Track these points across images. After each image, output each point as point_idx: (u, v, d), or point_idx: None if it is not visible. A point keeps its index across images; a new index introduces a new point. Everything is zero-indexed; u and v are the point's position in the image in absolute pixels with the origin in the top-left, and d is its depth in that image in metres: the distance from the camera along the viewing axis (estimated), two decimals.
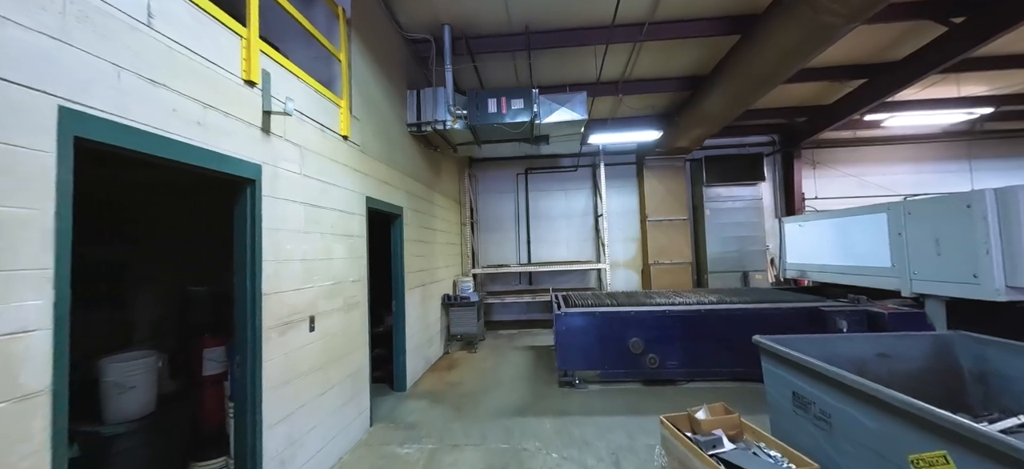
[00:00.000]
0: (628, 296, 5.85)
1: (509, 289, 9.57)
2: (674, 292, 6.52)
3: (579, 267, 8.54)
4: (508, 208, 9.86)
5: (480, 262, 9.72)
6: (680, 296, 5.68)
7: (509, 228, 9.84)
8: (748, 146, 9.29)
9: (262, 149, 2.69)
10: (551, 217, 9.74)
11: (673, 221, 8.95)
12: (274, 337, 2.71)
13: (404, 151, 5.44)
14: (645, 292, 6.74)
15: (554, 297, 6.38)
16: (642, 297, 5.76)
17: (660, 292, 6.45)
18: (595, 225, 9.62)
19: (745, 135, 9.25)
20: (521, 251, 9.76)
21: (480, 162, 9.86)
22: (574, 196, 9.73)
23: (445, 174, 7.63)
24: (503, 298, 8.48)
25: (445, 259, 7.36)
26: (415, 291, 5.62)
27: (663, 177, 9.00)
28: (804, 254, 6.42)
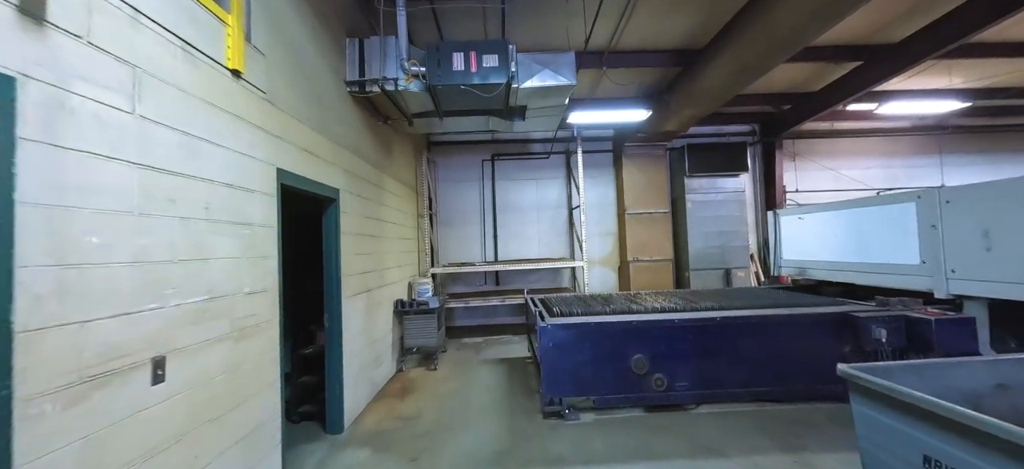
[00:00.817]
0: (628, 299, 4.87)
1: (474, 291, 8.40)
2: (659, 293, 5.64)
3: (552, 265, 7.54)
4: (472, 199, 8.67)
5: (440, 260, 8.47)
6: (680, 299, 4.78)
7: (473, 221, 8.66)
8: (728, 135, 8.67)
9: (22, 48, 1.38)
10: (521, 209, 8.66)
11: (654, 215, 8.15)
12: (51, 410, 1.41)
13: (342, 117, 4.13)
14: (629, 294, 5.82)
15: (531, 302, 5.31)
16: (635, 302, 4.82)
17: (653, 294, 5.54)
18: (569, 218, 8.66)
19: (724, 124, 8.63)
20: (487, 247, 8.61)
21: (441, 146, 8.59)
22: (546, 186, 8.71)
23: (398, 155, 6.33)
24: (467, 301, 7.32)
25: (398, 257, 6.08)
26: (358, 298, 4.34)
27: (644, 166, 8.18)
28: (804, 249, 5.75)
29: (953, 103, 6.53)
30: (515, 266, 7.31)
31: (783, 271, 6.12)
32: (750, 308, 4.21)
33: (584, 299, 5.24)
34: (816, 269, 5.51)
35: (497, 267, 7.42)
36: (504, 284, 8.56)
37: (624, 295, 5.58)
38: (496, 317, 8.54)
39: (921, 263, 4.11)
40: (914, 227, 4.17)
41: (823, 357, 3.91)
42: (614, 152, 8.67)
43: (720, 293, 5.30)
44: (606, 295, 5.62)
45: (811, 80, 7.16)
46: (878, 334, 3.69)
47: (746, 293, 5.24)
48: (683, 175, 8.07)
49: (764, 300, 4.47)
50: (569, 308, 4.44)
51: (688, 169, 7.93)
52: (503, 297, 7.32)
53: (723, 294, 5.18)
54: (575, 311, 4.32)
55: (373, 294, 4.83)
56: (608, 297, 5.36)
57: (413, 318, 5.77)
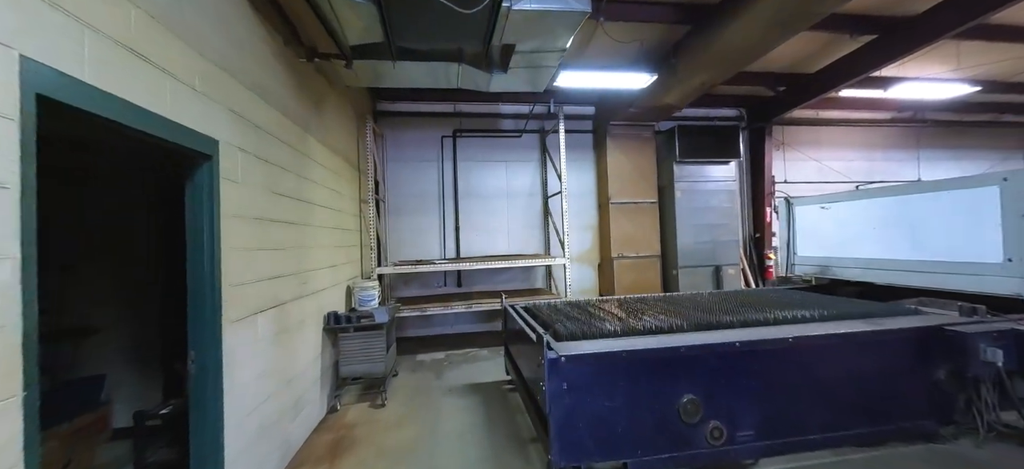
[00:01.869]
0: (626, 308, 3.62)
1: (432, 295, 6.89)
2: (661, 300, 4.52)
3: (526, 263, 6.22)
4: (430, 182, 7.13)
5: (390, 257, 6.86)
6: (694, 308, 3.65)
7: (431, 210, 7.13)
8: (716, 120, 7.85)
9: None
10: (487, 196, 7.26)
11: (640, 205, 7.10)
12: None
13: (226, 22, 2.51)
14: (625, 301, 4.66)
15: (514, 313, 3.94)
16: (640, 313, 3.63)
17: (653, 300, 4.38)
18: (544, 208, 7.39)
19: (712, 107, 7.78)
20: (447, 242, 7.13)
21: (392, 117, 6.95)
22: (518, 170, 7.37)
23: (333, 116, 4.70)
24: (424, 308, 5.83)
25: (332, 254, 4.47)
26: (258, 320, 2.74)
27: (629, 149, 7.10)
28: (827, 245, 4.89)
29: (963, 87, 6.04)
30: (481, 264, 5.91)
31: (798, 270, 5.26)
32: (814, 322, 3.16)
33: (583, 307, 3.97)
34: (843, 268, 4.65)
35: (460, 266, 5.98)
36: (467, 285, 7.13)
37: (618, 301, 4.39)
38: (459, 325, 7.09)
39: (1006, 261, 3.28)
40: (996, 217, 3.34)
41: (909, 385, 2.94)
42: (595, 133, 7.52)
43: (737, 299, 4.26)
44: (596, 302, 4.40)
45: (813, 58, 6.40)
46: (992, 356, 2.75)
47: (769, 298, 4.24)
48: (672, 160, 7.08)
49: (804, 307, 3.45)
50: (576, 325, 3.14)
51: (678, 153, 6.96)
52: (469, 302, 5.91)
53: (741, 300, 4.14)
54: (586, 329, 3.03)
55: (289, 310, 3.23)
56: (599, 304, 4.13)
57: (352, 337, 4.20)
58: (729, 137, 7.15)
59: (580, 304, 4.21)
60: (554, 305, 4.20)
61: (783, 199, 5.36)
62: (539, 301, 4.43)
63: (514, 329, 3.82)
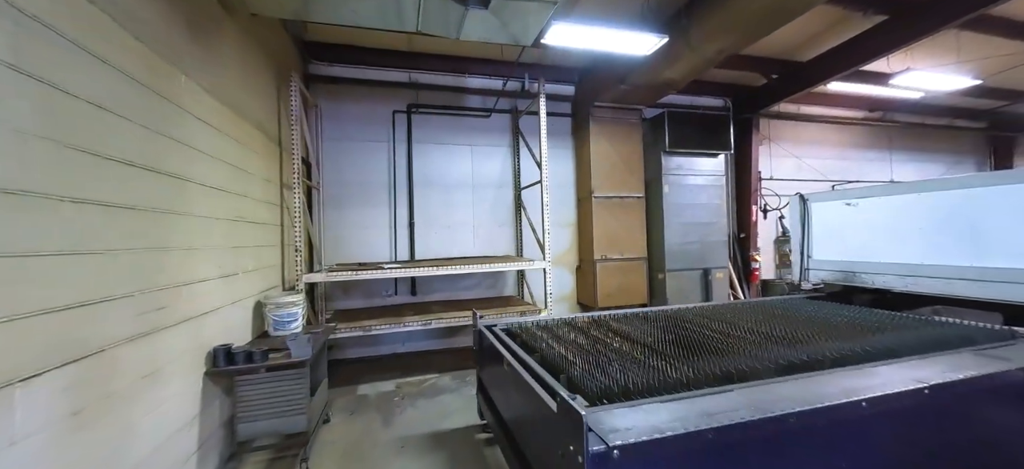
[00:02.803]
0: (706, 323, 2.53)
1: (379, 307, 5.52)
2: (671, 314, 3.60)
3: (497, 267, 5.05)
4: (377, 167, 5.76)
5: (326, 260, 5.42)
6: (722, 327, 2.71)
7: (379, 201, 5.76)
8: (701, 109, 7.14)
9: None
10: (448, 186, 6.02)
11: (626, 199, 6.20)
12: None
13: None
14: (644, 314, 3.67)
15: (494, 340, 2.77)
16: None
17: (651, 315, 3.41)
18: (516, 202, 6.27)
19: (697, 94, 7.07)
20: (399, 241, 5.80)
21: (330, 84, 5.50)
22: (486, 156, 6.19)
23: (233, 57, 3.26)
24: (368, 325, 4.48)
25: (228, 258, 3.05)
26: (18, 391, 1.38)
27: (615, 136, 6.16)
28: (853, 247, 4.20)
29: (964, 80, 5.70)
30: (442, 269, 4.66)
31: (813, 276, 4.55)
32: (931, 357, 2.29)
33: (587, 330, 2.88)
34: (872, 274, 3.96)
35: (414, 271, 4.69)
36: (424, 294, 5.84)
37: (636, 317, 3.38)
38: (414, 343, 5.78)
39: None
40: None
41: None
42: (574, 117, 6.52)
43: (783, 316, 3.40)
44: (603, 319, 3.34)
45: (811, 43, 5.82)
46: None
47: (825, 315, 3.42)
48: (660, 151, 6.25)
49: (887, 330, 2.61)
50: (609, 369, 2.04)
51: (668, 143, 6.13)
52: (426, 317, 4.66)
53: (790, 317, 3.29)
54: (629, 379, 1.94)
55: (119, 359, 1.85)
56: (609, 324, 3.08)
57: (258, 381, 2.81)
58: (719, 127, 6.44)
59: (581, 323, 3.12)
60: (547, 325, 3.07)
61: (797, 195, 4.63)
62: (524, 319, 3.28)
63: (491, 355, 2.67)
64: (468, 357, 5.37)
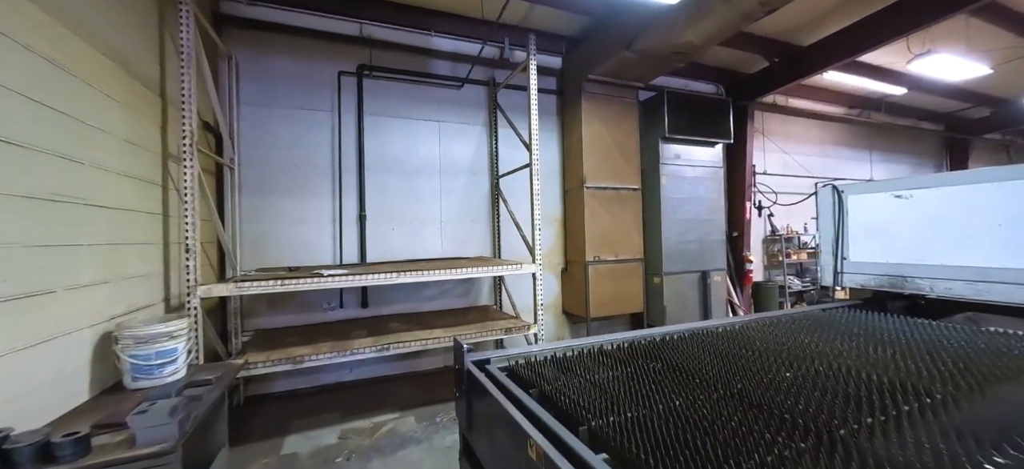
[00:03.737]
0: (775, 361, 1.57)
1: (318, 326, 4.20)
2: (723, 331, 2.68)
3: (475, 273, 3.90)
4: (318, 144, 4.45)
5: (244, 263, 4.04)
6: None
7: (320, 188, 4.45)
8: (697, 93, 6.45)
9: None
10: (410, 172, 4.82)
11: (621, 192, 5.31)
12: None
13: None
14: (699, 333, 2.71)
15: (483, 382, 1.64)
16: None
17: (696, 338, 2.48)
18: (493, 193, 5.19)
19: (691, 79, 6.35)
20: (345, 239, 4.52)
21: (250, 29, 4.12)
22: (457, 135, 5.05)
23: None
24: (301, 355, 3.19)
25: (34, 262, 1.73)
26: None
27: (610, 117, 5.25)
28: (903, 248, 3.54)
29: (981, 67, 5.36)
30: (402, 275, 3.47)
31: (849, 281, 3.87)
32: None
33: (637, 377, 1.86)
34: (933, 280, 3.30)
35: (366, 278, 3.42)
36: (377, 306, 4.61)
37: (671, 338, 2.41)
38: (365, 370, 4.53)
39: None
40: None
41: None
42: (561, 94, 5.55)
43: (856, 334, 2.56)
44: (635, 341, 2.33)
45: (820, 23, 5.25)
46: None
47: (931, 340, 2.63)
48: (657, 137, 5.44)
49: None
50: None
51: (667, 128, 5.32)
52: (382, 340, 3.46)
53: (871, 336, 2.45)
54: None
55: None
56: (651, 352, 2.10)
57: None
58: (719, 113, 5.74)
59: (614, 352, 2.08)
60: (568, 358, 1.99)
61: (830, 187, 3.93)
62: (532, 349, 2.16)
63: (486, 409, 1.55)
64: (437, 384, 4.23)
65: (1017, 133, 9.98)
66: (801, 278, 7.15)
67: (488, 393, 1.51)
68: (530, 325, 3.94)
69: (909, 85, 6.92)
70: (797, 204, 7.34)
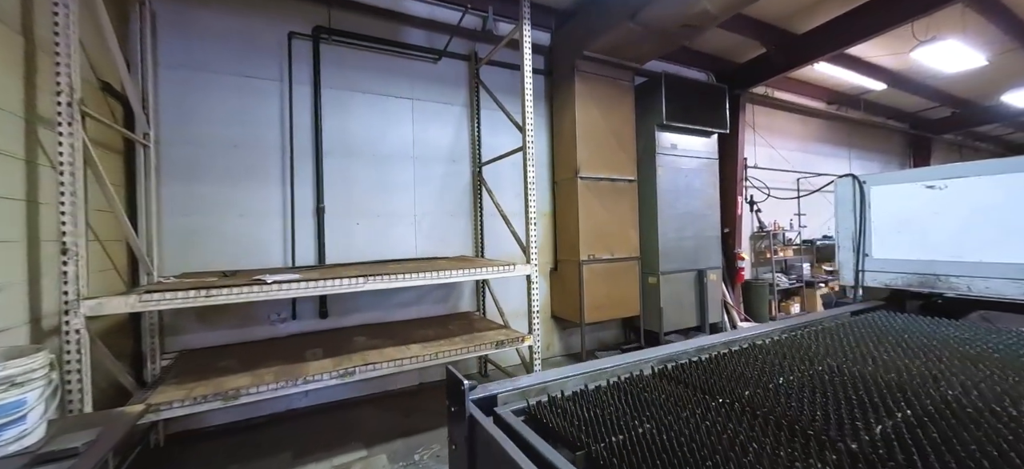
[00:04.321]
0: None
1: (264, 345, 3.39)
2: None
3: (459, 277, 3.21)
4: (263, 121, 3.64)
5: (165, 265, 3.18)
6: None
7: (266, 174, 3.64)
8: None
9: None
10: (378, 157, 4.09)
11: (618, 184, 4.81)
12: None
13: None
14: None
15: (488, 434, 1.03)
16: None
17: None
18: (475, 183, 4.54)
19: (683, 65, 5.96)
20: (299, 237, 3.74)
21: None
22: (434, 117, 4.37)
23: None
24: (235, 389, 2.43)
25: None
26: None
27: (605, 101, 4.73)
28: (935, 243, 3.22)
29: (979, 56, 5.25)
30: (369, 281, 2.76)
31: (871, 280, 3.54)
32: None
33: (702, 403, 1.32)
34: (972, 279, 2.99)
35: (322, 285, 2.69)
36: (339, 316, 3.85)
37: (712, 353, 1.90)
38: (322, 394, 3.77)
39: None
40: None
41: None
42: (550, 75, 4.98)
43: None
44: (679, 374, 1.79)
45: (814, 9, 4.98)
46: None
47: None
48: (653, 125, 4.99)
49: None
50: None
51: (665, 115, 4.88)
52: (344, 363, 2.75)
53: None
54: None
55: None
56: (713, 386, 1.57)
57: None
58: (715, 101, 5.37)
59: (658, 372, 1.51)
60: (602, 394, 1.38)
61: (850, 177, 3.58)
62: (547, 378, 1.50)
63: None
64: (414, 408, 3.55)
65: (969, 135, 10.44)
66: (788, 275, 6.98)
67: (509, 459, 0.91)
68: (524, 337, 3.34)
69: (890, 81, 6.90)
70: (794, 199, 7.16)
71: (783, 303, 6.86)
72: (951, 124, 9.15)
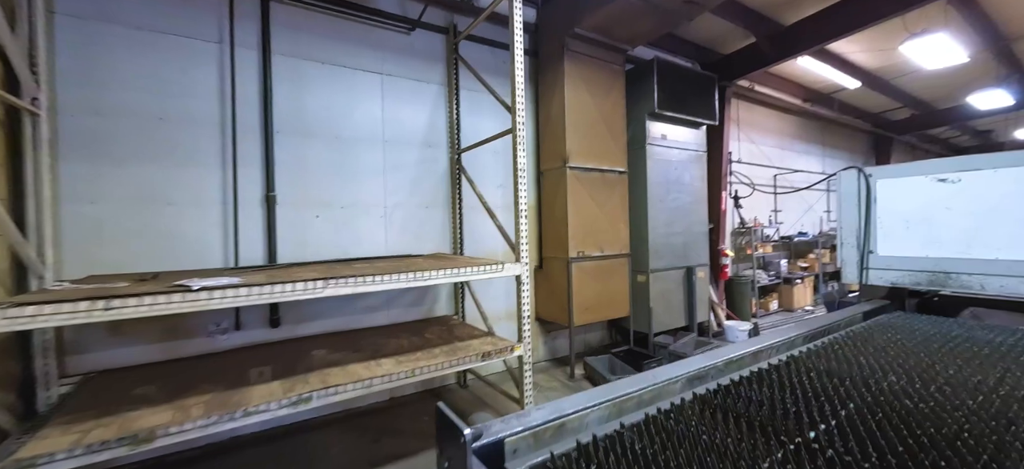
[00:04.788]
0: None
1: (195, 362, 2.78)
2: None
3: (431, 279, 2.73)
4: (198, 90, 2.99)
5: (67, 265, 2.51)
6: None
7: (202, 155, 3.01)
8: None
9: None
10: (342, 140, 3.53)
11: (608, 175, 4.46)
12: None
13: None
14: None
15: None
16: None
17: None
18: (454, 172, 4.06)
19: (670, 53, 5.70)
20: (245, 230, 3.13)
21: None
22: (407, 95, 3.84)
23: None
24: (148, 431, 1.86)
25: None
26: None
27: (595, 85, 4.36)
28: (947, 240, 3.07)
29: (962, 54, 5.27)
30: (330, 285, 2.25)
31: (875, 278, 3.37)
32: None
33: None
34: (987, 276, 2.85)
35: (270, 292, 2.15)
36: (293, 325, 3.28)
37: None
38: (274, 420, 3.20)
39: None
40: None
41: None
42: (535, 54, 4.55)
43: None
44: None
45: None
46: None
47: None
48: (644, 113, 4.68)
49: None
50: None
51: (657, 103, 4.57)
52: (299, 386, 2.23)
53: None
54: None
55: None
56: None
57: None
58: (706, 91, 5.14)
59: (708, 400, 1.14)
60: (643, 438, 0.99)
61: (854, 170, 3.39)
62: (563, 412, 1.09)
63: None
64: (386, 429, 3.06)
65: (922, 137, 10.95)
66: (767, 272, 6.94)
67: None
68: (513, 345, 2.92)
69: (865, 80, 6.97)
70: (772, 195, 7.11)
71: (762, 300, 6.80)
72: (910, 126, 9.50)
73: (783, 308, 6.94)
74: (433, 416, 3.17)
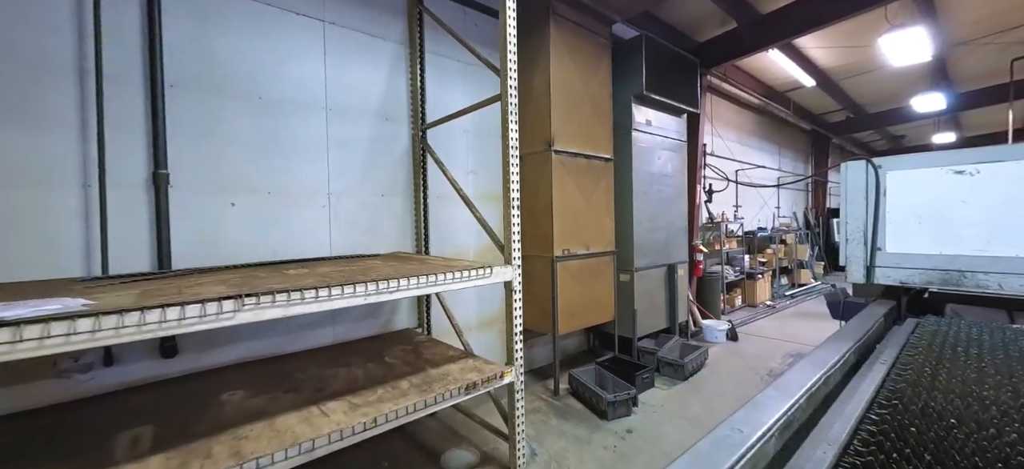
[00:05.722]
0: None
1: (35, 414, 1.83)
2: None
3: (399, 291, 2.00)
4: (33, 19, 1.99)
5: None
6: None
7: (41, 112, 2.01)
8: None
9: None
10: (269, 102, 2.65)
11: (594, 162, 3.92)
12: None
13: None
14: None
15: None
16: None
17: None
18: (417, 151, 3.30)
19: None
20: (119, 222, 2.18)
21: None
22: (357, 52, 3.01)
23: None
24: None
25: None
26: None
27: (581, 59, 3.79)
28: (963, 236, 2.88)
29: (927, 52, 5.33)
30: (246, 307, 1.49)
31: (881, 276, 3.15)
32: None
33: None
34: (1007, 275, 2.68)
35: (141, 324, 1.34)
36: (199, 352, 2.39)
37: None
38: None
39: None
40: None
41: None
42: (518, 21, 3.88)
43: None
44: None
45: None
46: None
47: None
48: (630, 95, 4.22)
49: None
50: None
51: (645, 84, 4.12)
52: (195, 463, 1.45)
53: None
54: None
55: None
56: None
57: None
58: (689, 76, 4.80)
59: None
60: None
61: (863, 161, 3.13)
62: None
63: None
64: None
65: (848, 139, 11.77)
66: (733, 267, 6.88)
67: None
68: (502, 371, 2.29)
69: (819, 78, 7.11)
70: (748, 189, 7.04)
71: (727, 296, 6.74)
72: (845, 127, 10.08)
73: (747, 304, 6.93)
74: (392, 463, 2.44)
